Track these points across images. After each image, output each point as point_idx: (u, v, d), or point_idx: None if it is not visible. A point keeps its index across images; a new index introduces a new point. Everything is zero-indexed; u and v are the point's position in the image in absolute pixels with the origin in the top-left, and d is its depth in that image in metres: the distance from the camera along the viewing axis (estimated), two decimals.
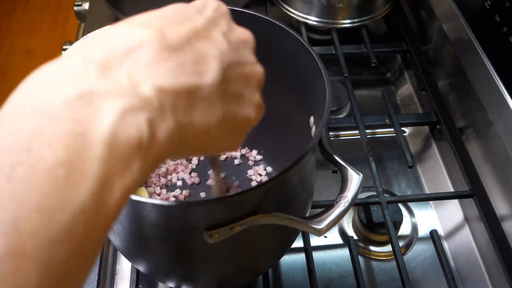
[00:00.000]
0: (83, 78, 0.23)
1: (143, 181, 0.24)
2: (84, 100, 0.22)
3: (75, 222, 0.20)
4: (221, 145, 0.31)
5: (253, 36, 0.33)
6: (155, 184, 0.61)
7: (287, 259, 0.60)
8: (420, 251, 0.63)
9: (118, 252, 0.58)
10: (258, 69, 0.32)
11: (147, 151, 0.23)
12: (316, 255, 0.58)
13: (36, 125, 0.20)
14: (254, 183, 0.62)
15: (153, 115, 0.23)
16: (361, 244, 0.63)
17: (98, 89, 0.22)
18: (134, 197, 0.35)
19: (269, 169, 0.63)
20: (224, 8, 0.32)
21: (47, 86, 0.22)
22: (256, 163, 0.64)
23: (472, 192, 0.61)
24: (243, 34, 0.32)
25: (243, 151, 0.64)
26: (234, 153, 0.64)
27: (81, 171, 0.20)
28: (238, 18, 0.50)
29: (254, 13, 0.50)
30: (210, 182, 0.61)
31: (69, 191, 0.20)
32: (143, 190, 0.59)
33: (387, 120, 0.71)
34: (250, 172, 0.63)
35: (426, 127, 0.75)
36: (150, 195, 0.60)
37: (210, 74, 0.27)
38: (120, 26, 0.27)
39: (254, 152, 0.64)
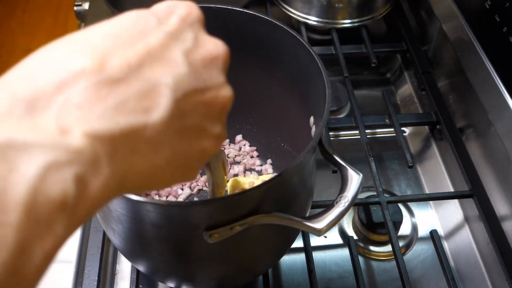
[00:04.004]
0: (4, 124, 0.19)
1: (67, 238, 0.21)
2: (2, 154, 0.18)
3: None
4: (171, 181, 0.27)
5: (226, 48, 0.29)
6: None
7: (287, 259, 0.60)
8: (420, 251, 0.63)
9: (118, 252, 0.58)
10: (223, 94, 0.27)
11: (74, 209, 0.20)
12: (316, 255, 0.58)
13: None
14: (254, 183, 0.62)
15: (83, 169, 0.20)
16: (361, 244, 0.63)
17: (17, 140, 0.19)
18: (134, 197, 0.35)
19: (269, 169, 0.63)
20: (195, 14, 0.27)
21: None
22: (256, 162, 0.64)
23: (472, 192, 0.61)
24: (212, 49, 0.27)
25: (243, 151, 0.64)
26: (233, 154, 0.64)
27: None
28: (238, 18, 0.51)
29: (254, 13, 0.50)
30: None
31: None
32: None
33: (387, 120, 0.71)
34: (248, 172, 0.63)
35: (426, 127, 0.75)
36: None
37: (158, 110, 0.23)
38: (57, 47, 0.23)
39: (254, 152, 0.64)
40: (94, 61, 0.22)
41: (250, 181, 0.56)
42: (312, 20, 0.81)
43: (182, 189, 0.61)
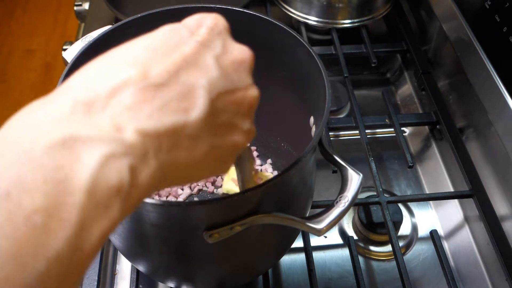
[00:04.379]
0: (68, 122, 0.23)
1: (120, 222, 0.24)
2: (67, 147, 0.21)
3: (50, 269, 0.20)
4: (208, 173, 0.31)
5: (251, 53, 0.32)
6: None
7: (287, 259, 0.60)
8: (420, 251, 0.63)
9: (118, 252, 0.58)
10: (251, 94, 0.31)
11: (128, 195, 0.23)
12: (316, 255, 0.58)
13: (16, 170, 0.20)
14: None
15: (135, 161, 0.23)
16: (361, 244, 0.63)
17: (81, 135, 0.22)
18: None
19: (269, 169, 0.63)
20: (222, 25, 0.31)
21: (33, 128, 0.22)
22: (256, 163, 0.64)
23: (472, 192, 0.61)
24: (240, 53, 0.31)
25: None
26: None
27: (59, 219, 0.20)
28: (238, 18, 0.51)
29: (254, 13, 0.50)
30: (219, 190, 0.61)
31: (46, 239, 0.20)
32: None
33: (387, 120, 0.71)
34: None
35: (426, 127, 0.75)
36: None
37: (196, 109, 0.26)
38: (106, 61, 0.26)
39: (254, 152, 0.64)
40: (138, 70, 0.25)
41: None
42: (312, 20, 0.81)
43: (182, 189, 0.61)
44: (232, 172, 0.58)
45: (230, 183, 0.57)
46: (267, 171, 0.62)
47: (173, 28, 0.29)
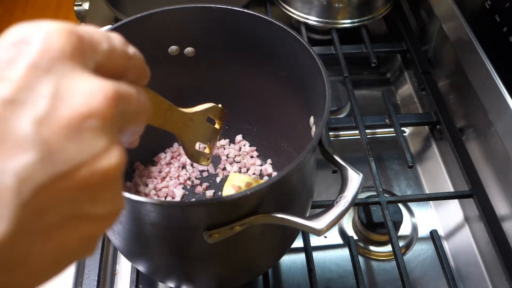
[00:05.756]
0: None
1: None
2: None
3: None
4: (48, 277, 0.21)
5: (111, 91, 0.20)
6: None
7: (287, 259, 0.60)
8: (420, 251, 0.63)
9: (118, 252, 0.58)
10: (104, 164, 0.20)
11: None
12: (316, 255, 0.58)
13: None
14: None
15: None
16: (361, 244, 0.63)
17: None
18: (134, 197, 0.35)
19: (269, 169, 0.63)
20: (59, 45, 0.19)
21: None
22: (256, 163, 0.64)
23: (472, 192, 0.61)
24: (85, 101, 0.19)
25: (243, 151, 0.64)
26: (233, 154, 0.64)
27: None
28: (238, 18, 0.51)
29: (254, 13, 0.50)
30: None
31: None
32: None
33: (387, 120, 0.71)
34: (249, 172, 0.63)
35: (426, 127, 0.75)
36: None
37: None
38: None
39: (254, 152, 0.64)
40: None
41: (248, 181, 0.57)
42: (312, 20, 0.81)
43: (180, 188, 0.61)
44: (232, 177, 0.58)
45: (229, 189, 0.57)
46: (267, 171, 0.62)
47: None
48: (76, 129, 0.19)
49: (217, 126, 0.49)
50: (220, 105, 0.47)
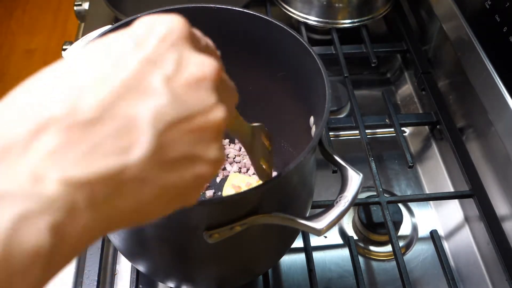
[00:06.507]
0: None
1: (51, 279, 0.20)
2: None
3: None
4: (164, 211, 0.25)
5: (216, 65, 0.25)
6: None
7: (287, 259, 0.60)
8: (420, 251, 0.63)
9: (118, 252, 0.58)
10: (214, 116, 0.24)
11: (51, 257, 0.19)
12: (316, 255, 0.58)
13: None
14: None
15: (58, 218, 0.19)
16: (361, 244, 0.63)
17: None
18: None
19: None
20: (178, 30, 0.25)
21: None
22: None
23: (472, 192, 0.61)
24: (199, 69, 0.25)
25: (243, 151, 0.64)
26: (233, 154, 0.64)
27: None
28: (238, 18, 0.51)
29: (254, 13, 0.50)
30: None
31: None
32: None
33: (387, 120, 0.71)
34: (249, 172, 0.63)
35: (426, 127, 0.75)
36: None
37: (137, 149, 0.21)
38: (21, 94, 0.22)
39: None
40: (64, 105, 0.21)
41: (248, 181, 0.57)
42: (312, 20, 0.81)
43: None
44: (232, 177, 0.58)
45: (229, 189, 0.57)
46: None
47: (116, 39, 0.24)
48: (194, 86, 0.24)
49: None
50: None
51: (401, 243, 0.62)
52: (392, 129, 0.69)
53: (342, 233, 0.64)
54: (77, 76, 0.22)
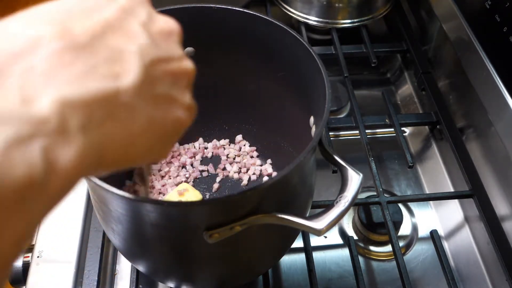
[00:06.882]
0: None
1: (46, 215, 0.20)
2: None
3: None
4: (148, 154, 0.26)
5: (178, 25, 0.28)
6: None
7: (287, 259, 0.60)
8: (420, 251, 0.63)
9: (118, 252, 0.58)
10: (186, 65, 0.27)
11: (46, 186, 0.19)
12: (316, 255, 0.58)
13: None
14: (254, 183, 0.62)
15: (51, 141, 0.18)
16: (361, 244, 0.63)
17: None
18: (134, 197, 0.35)
19: (269, 169, 0.63)
20: None
21: None
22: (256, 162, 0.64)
23: (472, 192, 0.61)
24: (167, 24, 0.27)
25: (243, 151, 0.64)
26: (233, 154, 0.64)
27: None
28: (238, 18, 0.51)
29: (254, 13, 0.50)
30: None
31: None
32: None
33: (387, 120, 0.71)
34: (249, 172, 0.63)
35: (426, 127, 0.75)
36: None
37: (129, 74, 0.23)
38: (10, 22, 0.21)
39: (254, 152, 0.64)
40: (55, 27, 0.21)
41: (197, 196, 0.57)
42: (312, 20, 0.81)
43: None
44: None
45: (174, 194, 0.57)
46: (267, 171, 0.62)
47: None
48: (165, 36, 0.27)
49: None
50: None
51: (401, 243, 0.62)
52: (392, 129, 0.69)
53: (342, 233, 0.64)
54: (59, 10, 0.22)
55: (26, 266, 0.54)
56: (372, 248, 0.62)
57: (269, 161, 0.63)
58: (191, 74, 0.28)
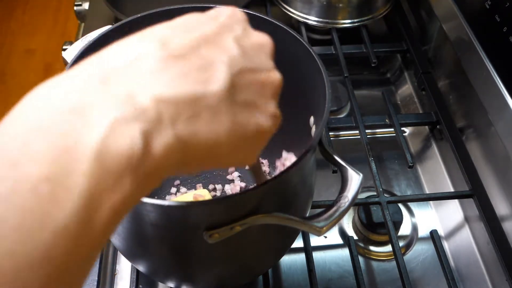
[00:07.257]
0: (80, 91, 0.22)
1: (136, 202, 0.23)
2: (76, 113, 0.21)
3: (57, 244, 0.19)
4: (232, 159, 0.29)
5: (271, 40, 0.31)
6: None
7: (287, 259, 0.60)
8: (420, 251, 0.63)
9: (118, 252, 0.58)
10: (274, 76, 0.30)
11: (140, 166, 0.22)
12: (316, 255, 0.58)
13: (24, 139, 0.20)
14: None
15: (148, 126, 0.22)
16: (361, 244, 0.63)
17: (91, 101, 0.22)
18: None
19: (269, 169, 0.63)
20: (240, 14, 0.31)
21: (44, 100, 0.22)
22: None
23: (472, 192, 0.61)
24: (260, 38, 0.30)
25: None
26: None
27: (66, 188, 0.19)
28: None
29: (254, 13, 0.50)
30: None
31: (52, 210, 0.19)
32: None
33: (387, 120, 0.71)
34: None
35: (426, 127, 0.75)
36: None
37: (217, 81, 0.25)
38: (124, 41, 0.26)
39: None
40: (157, 43, 0.25)
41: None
42: (312, 20, 0.81)
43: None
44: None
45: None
46: (267, 171, 0.62)
47: (195, 15, 0.29)
48: (257, 49, 0.29)
49: None
50: None
51: (401, 243, 0.62)
52: (392, 129, 0.69)
53: (342, 233, 0.64)
54: (164, 29, 0.27)
55: None
56: (372, 248, 0.62)
57: (268, 161, 0.63)
58: (278, 84, 0.30)
